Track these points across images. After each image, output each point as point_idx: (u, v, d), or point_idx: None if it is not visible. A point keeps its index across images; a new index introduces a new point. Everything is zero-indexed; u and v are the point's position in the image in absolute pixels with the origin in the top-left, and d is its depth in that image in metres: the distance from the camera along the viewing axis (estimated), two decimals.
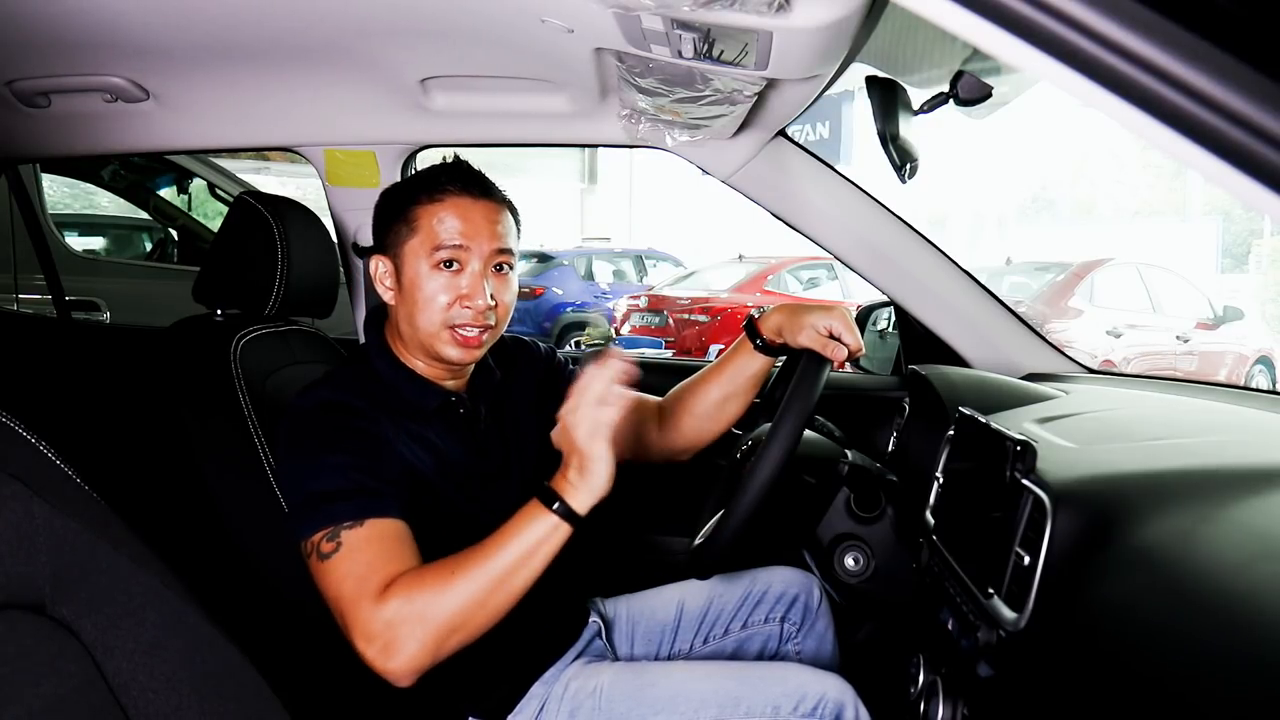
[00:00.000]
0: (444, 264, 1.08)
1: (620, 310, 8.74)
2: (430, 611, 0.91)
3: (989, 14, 0.50)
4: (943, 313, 1.59)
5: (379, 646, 0.91)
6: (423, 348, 1.12)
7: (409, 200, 1.10)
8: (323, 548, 0.95)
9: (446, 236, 1.08)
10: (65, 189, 6.45)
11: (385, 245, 1.12)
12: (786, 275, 8.43)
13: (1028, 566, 0.77)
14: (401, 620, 0.91)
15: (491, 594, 0.94)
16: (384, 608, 0.91)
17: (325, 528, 0.96)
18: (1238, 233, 15.06)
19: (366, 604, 0.92)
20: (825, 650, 1.33)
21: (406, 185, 1.14)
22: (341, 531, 0.96)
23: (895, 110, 1.25)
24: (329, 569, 0.95)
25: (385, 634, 0.91)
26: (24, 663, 0.47)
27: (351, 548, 0.95)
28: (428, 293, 1.09)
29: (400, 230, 1.10)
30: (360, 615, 0.92)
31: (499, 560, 0.94)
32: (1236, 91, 0.44)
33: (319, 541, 0.96)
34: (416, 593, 0.92)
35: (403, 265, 1.10)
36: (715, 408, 1.30)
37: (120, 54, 1.32)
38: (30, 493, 0.50)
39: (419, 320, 1.10)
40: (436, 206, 1.09)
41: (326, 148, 1.67)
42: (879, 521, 1.23)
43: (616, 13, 0.93)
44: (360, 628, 0.92)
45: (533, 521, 0.96)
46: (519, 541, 0.95)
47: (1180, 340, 7.01)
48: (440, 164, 1.15)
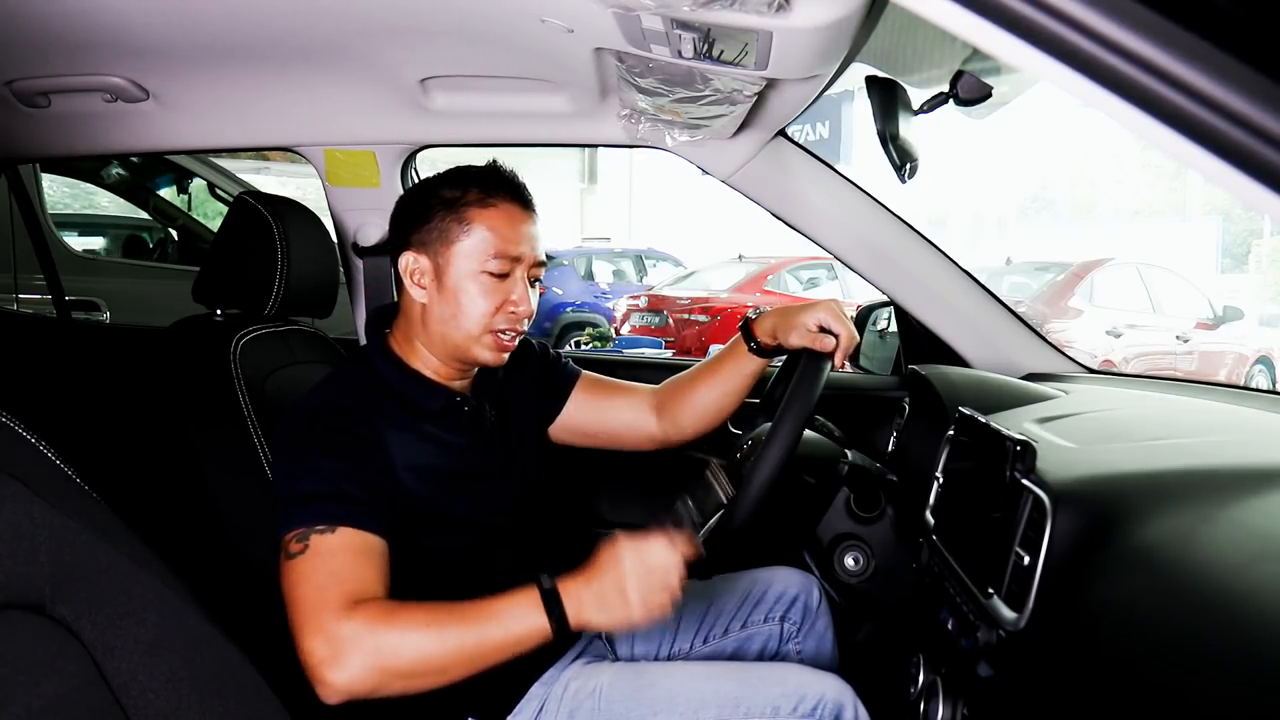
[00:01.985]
0: (497, 272, 1.08)
1: (620, 310, 8.73)
2: (389, 650, 0.89)
3: (989, 14, 0.50)
4: (943, 313, 1.59)
5: (323, 656, 0.88)
6: (451, 349, 1.11)
7: (460, 200, 1.08)
8: (290, 547, 0.94)
9: (504, 244, 1.08)
10: (65, 189, 6.45)
11: (425, 242, 1.09)
12: (786, 275, 8.43)
13: (1028, 566, 0.77)
14: (355, 642, 0.88)
15: (456, 662, 0.91)
16: (344, 623, 0.89)
17: (298, 528, 0.95)
18: (1238, 233, 15.07)
19: (325, 613, 0.89)
20: (825, 650, 1.33)
21: (453, 182, 1.10)
22: (312, 535, 0.95)
23: (895, 110, 1.25)
24: (291, 568, 0.93)
25: (334, 648, 0.88)
26: (24, 663, 0.47)
27: (317, 552, 0.94)
28: (476, 296, 1.08)
29: (450, 229, 1.08)
30: (314, 620, 0.89)
31: (476, 635, 0.91)
32: (1236, 91, 0.44)
33: (289, 541, 0.95)
34: (384, 626, 0.89)
35: (448, 265, 1.08)
36: (713, 404, 1.31)
37: (120, 54, 1.32)
38: (30, 493, 0.50)
39: (461, 321, 1.09)
40: (492, 211, 1.08)
41: (326, 148, 1.67)
42: (879, 521, 1.24)
43: (616, 13, 0.93)
44: (311, 632, 0.89)
45: (525, 615, 0.91)
46: (503, 627, 0.91)
47: (1180, 340, 7.01)
48: (488, 167, 1.13)
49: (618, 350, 7.59)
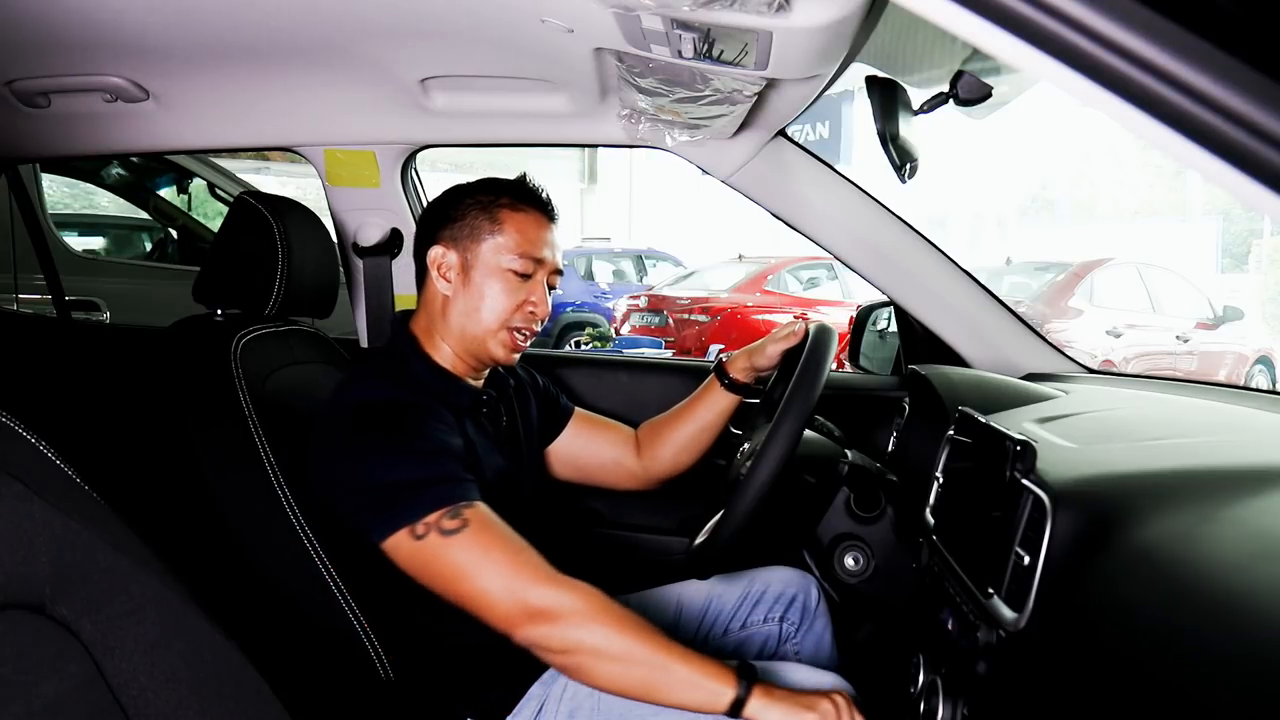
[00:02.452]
0: (521, 271, 1.14)
1: (620, 310, 8.73)
2: (595, 630, 0.93)
3: (989, 14, 0.50)
4: (943, 313, 1.59)
5: (534, 615, 0.93)
6: (469, 343, 1.16)
7: (494, 202, 1.15)
8: (445, 525, 0.96)
9: (531, 246, 1.15)
10: (65, 189, 6.45)
11: (455, 237, 1.15)
12: (786, 275, 8.42)
13: (1028, 566, 0.77)
14: (569, 615, 0.93)
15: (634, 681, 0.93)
16: (561, 592, 0.94)
17: (441, 508, 0.97)
18: (1238, 233, 15.05)
19: (536, 573, 0.95)
20: (824, 650, 1.33)
21: (488, 188, 1.18)
22: (462, 510, 0.97)
23: (895, 110, 1.25)
24: (458, 543, 0.96)
25: (548, 612, 0.93)
26: (24, 663, 0.47)
27: (479, 524, 0.97)
28: (499, 292, 1.14)
29: (481, 226, 1.14)
30: (527, 577, 0.94)
31: (666, 666, 0.92)
32: (1236, 91, 0.44)
33: (437, 520, 0.96)
34: (603, 623, 0.93)
35: (475, 260, 1.14)
36: (690, 440, 1.40)
37: (120, 54, 1.32)
38: (30, 493, 0.50)
39: (482, 315, 1.14)
40: (523, 215, 1.16)
41: (326, 148, 1.67)
42: (879, 521, 1.24)
43: (616, 13, 0.93)
44: (532, 586, 0.94)
45: (715, 680, 0.92)
46: (693, 676, 0.92)
47: (1180, 340, 7.01)
48: (520, 178, 1.20)
49: (618, 350, 7.59)
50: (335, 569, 1.16)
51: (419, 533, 0.97)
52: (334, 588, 1.15)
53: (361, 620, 1.16)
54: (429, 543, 0.96)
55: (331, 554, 1.17)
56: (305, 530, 1.16)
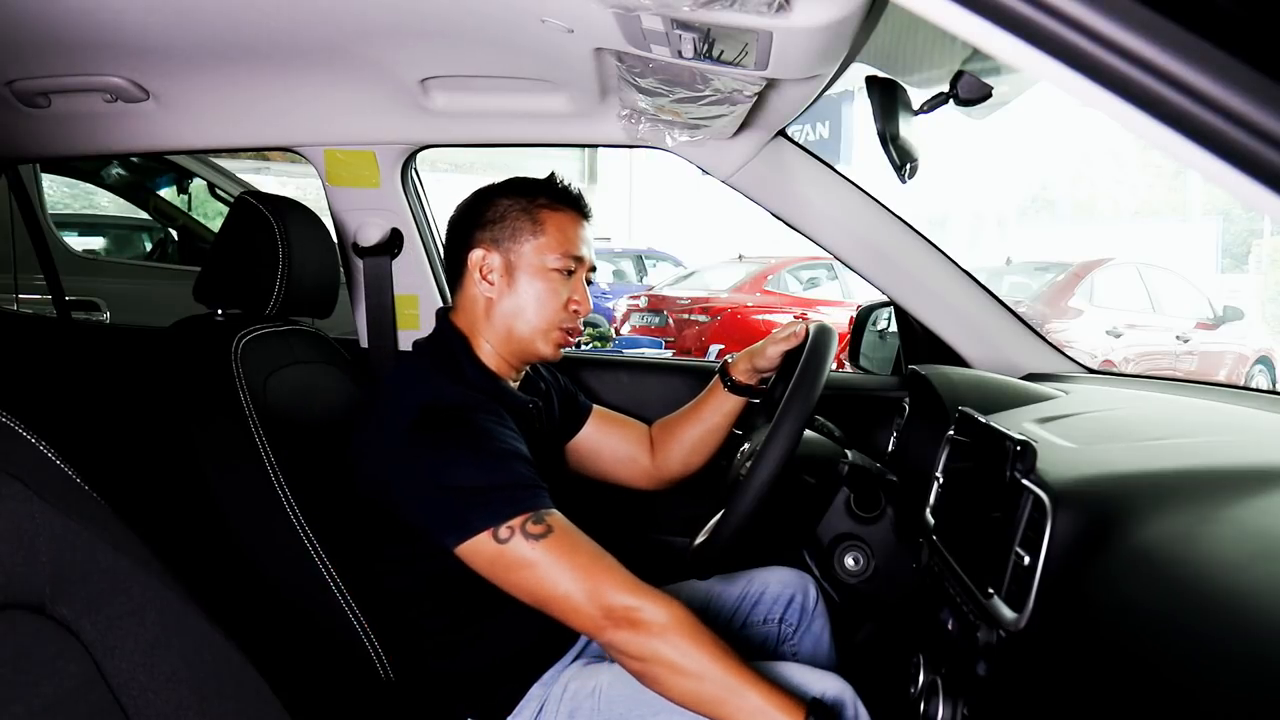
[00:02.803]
0: (564, 269, 1.15)
1: (620, 310, 8.73)
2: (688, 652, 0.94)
3: (989, 14, 0.50)
4: (943, 313, 1.59)
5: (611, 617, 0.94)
6: (515, 343, 1.16)
7: (534, 203, 1.16)
8: (529, 529, 0.97)
9: (572, 245, 1.16)
10: (65, 189, 6.45)
11: (496, 239, 1.16)
12: (786, 275, 8.42)
13: (1028, 566, 0.77)
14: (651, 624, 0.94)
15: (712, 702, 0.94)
16: (645, 601, 0.95)
17: (523, 513, 0.98)
18: (1238, 233, 15.05)
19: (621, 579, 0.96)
20: (822, 650, 1.33)
21: (523, 189, 1.18)
22: (545, 516, 0.98)
23: (895, 110, 1.25)
24: (544, 545, 0.96)
25: (632, 619, 0.94)
26: (24, 663, 0.47)
27: (563, 528, 0.98)
28: (546, 292, 1.15)
29: (523, 227, 1.15)
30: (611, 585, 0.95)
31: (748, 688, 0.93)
32: (1236, 91, 0.44)
33: (520, 524, 0.97)
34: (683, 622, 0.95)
35: (519, 261, 1.15)
36: (698, 440, 1.41)
37: (120, 54, 1.32)
38: (30, 493, 0.50)
39: (530, 315, 1.15)
40: (562, 216, 1.17)
41: (326, 148, 1.67)
42: (879, 521, 1.23)
43: (616, 13, 0.93)
44: (602, 596, 0.94)
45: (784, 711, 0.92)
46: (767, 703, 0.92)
47: (1180, 340, 7.01)
48: (549, 178, 1.21)
49: (618, 350, 7.58)
50: (335, 569, 1.17)
51: (502, 536, 0.97)
52: (334, 588, 1.15)
53: (361, 620, 1.16)
54: (513, 546, 0.96)
55: (331, 554, 1.17)
56: (305, 530, 1.16)
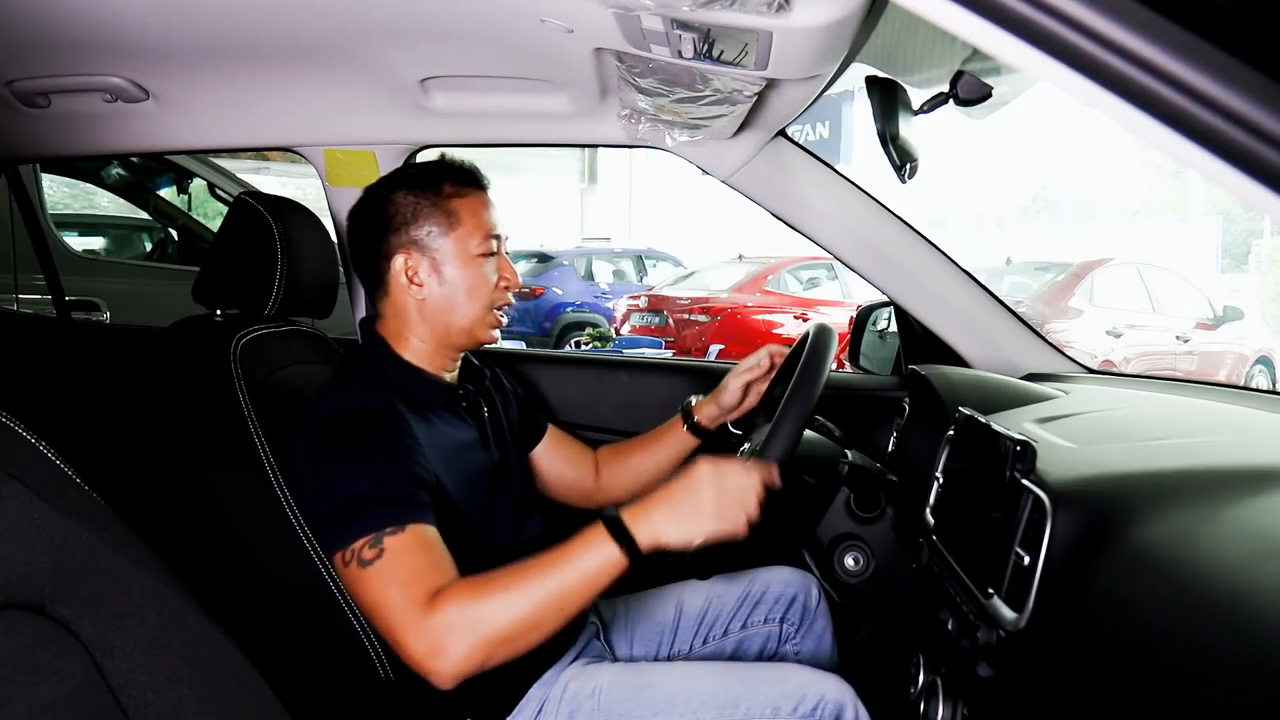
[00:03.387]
0: (487, 252, 1.15)
1: (620, 310, 8.73)
2: (483, 623, 0.91)
3: (989, 14, 0.50)
4: (943, 313, 1.59)
5: (427, 649, 0.90)
6: (455, 334, 1.16)
7: (440, 194, 1.14)
8: (364, 554, 0.94)
9: (490, 225, 1.16)
10: (65, 189, 6.45)
11: (415, 240, 1.13)
12: (786, 275, 8.42)
13: (1028, 566, 0.77)
14: (452, 627, 0.90)
15: (546, 614, 0.93)
16: (437, 614, 0.90)
17: (367, 534, 0.95)
18: (1238, 233, 15.05)
19: (416, 609, 0.91)
20: (824, 650, 1.33)
21: (421, 182, 1.15)
22: (384, 537, 0.95)
23: (895, 110, 1.25)
24: (371, 575, 0.94)
25: (435, 639, 0.90)
26: (24, 663, 0.47)
27: (395, 553, 0.95)
28: (479, 280, 1.14)
29: (439, 223, 1.13)
30: (409, 619, 0.91)
31: (558, 582, 0.93)
32: (1236, 91, 0.44)
33: (360, 549, 0.95)
34: (471, 602, 0.91)
35: (444, 257, 1.14)
36: (647, 473, 1.41)
37: (120, 54, 1.32)
38: (30, 493, 0.50)
39: (468, 307, 1.14)
40: (468, 200, 1.15)
41: (326, 148, 1.67)
42: (879, 521, 1.23)
43: (616, 13, 0.93)
44: (409, 631, 0.91)
45: (595, 549, 0.93)
46: (579, 567, 0.93)
47: (1180, 340, 7.01)
48: (441, 161, 1.18)
49: (618, 350, 7.58)
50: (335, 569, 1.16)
51: (346, 559, 0.96)
52: (334, 588, 1.15)
53: (361, 620, 1.16)
54: (352, 571, 0.95)
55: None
56: (305, 530, 1.16)
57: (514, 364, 1.79)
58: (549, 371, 1.79)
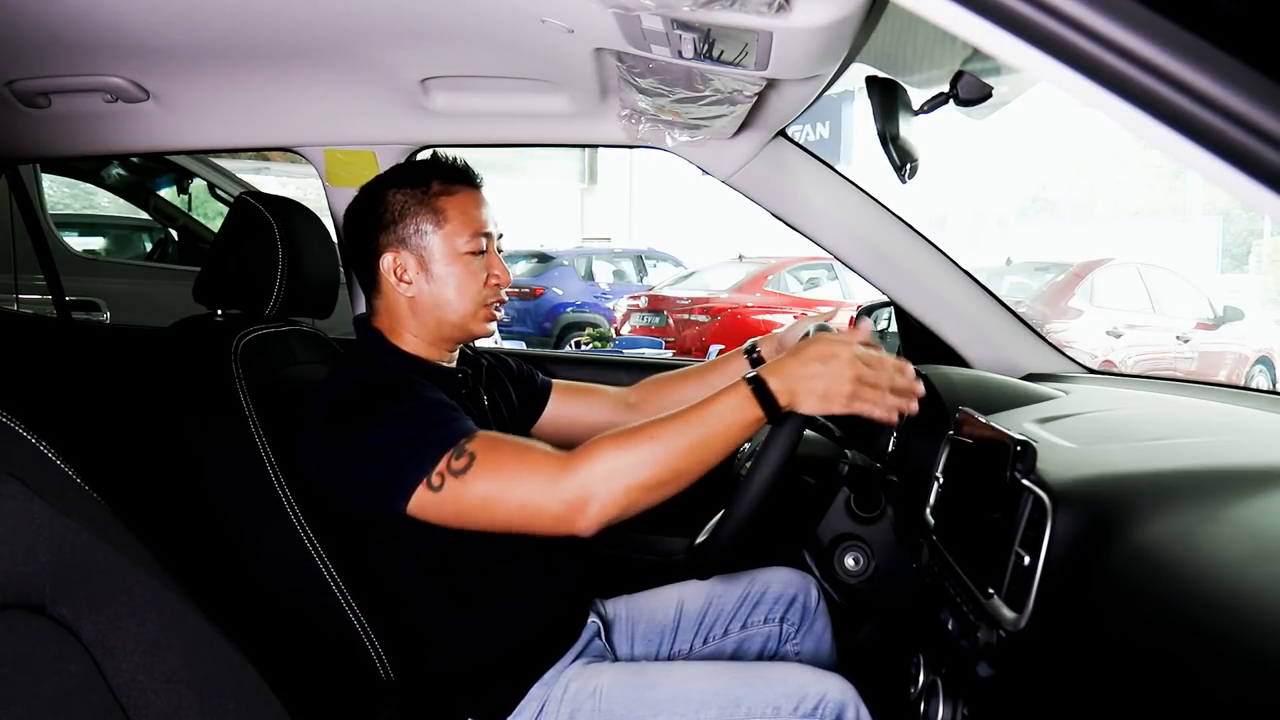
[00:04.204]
0: (476, 250, 1.15)
1: (620, 310, 8.73)
2: (629, 469, 0.94)
3: (989, 14, 0.50)
4: (943, 313, 1.59)
5: (573, 499, 0.94)
6: (448, 330, 1.16)
7: (428, 193, 1.15)
8: (454, 466, 0.97)
9: (480, 223, 1.16)
10: (65, 189, 6.45)
11: (403, 239, 1.14)
12: (786, 275, 8.42)
13: (1028, 566, 0.76)
14: (594, 476, 0.94)
15: (687, 463, 0.96)
16: (574, 469, 0.95)
17: (445, 452, 0.97)
18: (1238, 233, 15.06)
19: (545, 471, 0.95)
20: (824, 650, 1.33)
21: (411, 179, 1.15)
22: (465, 446, 0.98)
23: (895, 110, 1.25)
24: (474, 474, 0.96)
25: (581, 490, 0.94)
26: (24, 663, 0.48)
27: (485, 450, 0.98)
28: (468, 276, 1.15)
29: (426, 222, 1.14)
30: (541, 482, 0.95)
31: (700, 432, 0.96)
32: (1236, 91, 0.44)
33: (445, 466, 0.97)
34: (617, 451, 0.95)
35: (432, 255, 1.14)
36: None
37: (120, 54, 1.32)
38: (30, 493, 0.50)
39: (456, 303, 1.15)
40: (458, 197, 1.15)
41: (326, 148, 1.67)
42: (879, 521, 1.23)
43: (616, 13, 0.93)
44: (551, 490, 0.94)
45: (737, 403, 0.97)
46: (720, 419, 0.97)
47: (1180, 340, 7.01)
48: (433, 160, 1.19)
49: (618, 350, 7.58)
50: (335, 569, 1.17)
51: (435, 484, 0.97)
52: (334, 588, 1.15)
53: (362, 620, 1.16)
54: (449, 489, 0.97)
55: (331, 554, 1.17)
56: (305, 530, 1.16)
57: None
58: (549, 372, 1.79)
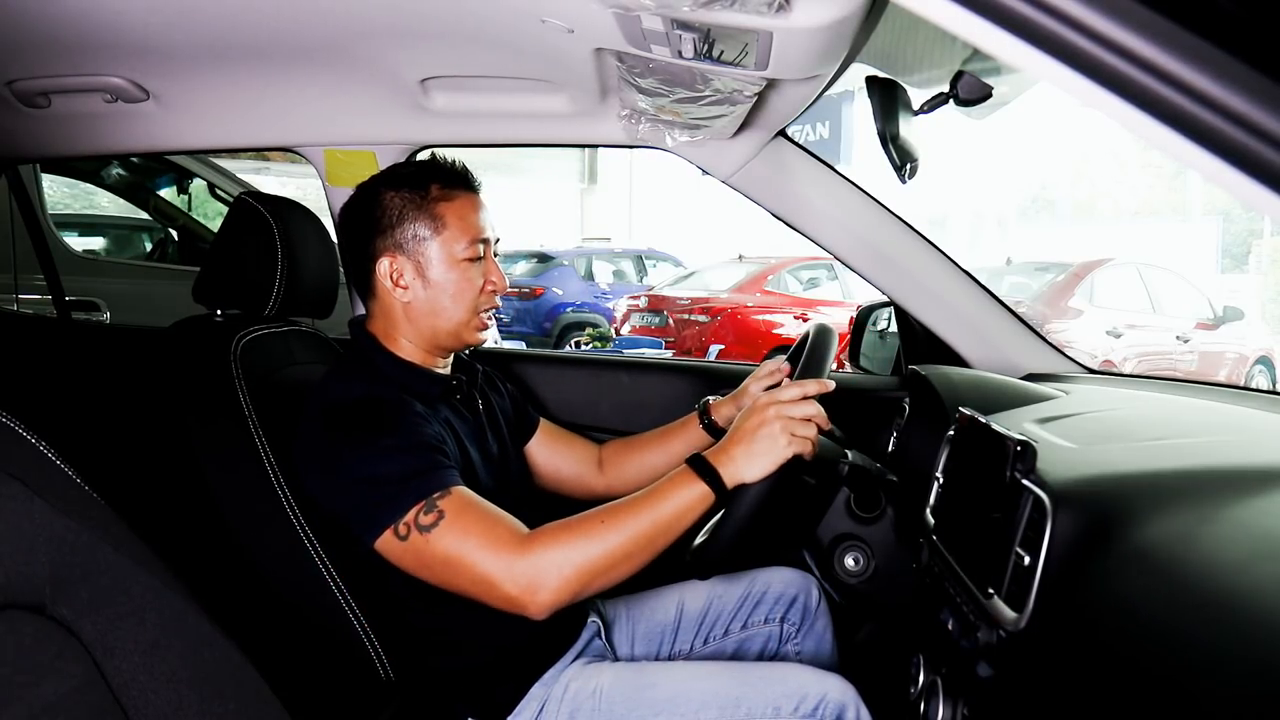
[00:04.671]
0: (473, 256, 1.14)
1: (620, 310, 8.73)
2: (579, 556, 0.96)
3: (989, 14, 0.50)
4: (943, 313, 1.59)
5: (525, 585, 0.95)
6: (442, 337, 1.16)
7: (426, 198, 1.13)
8: (421, 520, 0.97)
9: (477, 229, 1.15)
10: (65, 189, 6.45)
11: (399, 244, 1.13)
12: (786, 275, 8.42)
13: (1028, 566, 0.77)
14: (549, 563, 0.95)
15: (637, 547, 0.97)
16: (533, 552, 0.95)
17: (417, 503, 0.98)
18: (1238, 233, 15.05)
19: (507, 549, 0.96)
20: (824, 651, 1.33)
21: (409, 183, 1.14)
22: (436, 502, 0.98)
23: (895, 110, 1.25)
24: (439, 536, 0.96)
25: (531, 575, 0.94)
26: (24, 663, 0.47)
27: (456, 511, 0.98)
28: (464, 284, 1.14)
29: (423, 227, 1.13)
30: (501, 561, 0.95)
31: (650, 518, 0.98)
32: (1236, 91, 0.44)
33: (414, 518, 0.97)
34: (567, 540, 0.96)
35: (429, 260, 1.13)
36: (658, 469, 1.36)
37: (120, 54, 1.32)
38: (30, 493, 0.50)
39: (451, 310, 1.14)
40: (456, 203, 1.14)
41: (326, 148, 1.67)
42: (879, 521, 1.23)
43: (616, 13, 0.93)
44: (504, 571, 0.95)
45: (684, 487, 0.99)
46: (670, 503, 0.99)
47: (1180, 340, 7.00)
48: (432, 162, 1.18)
49: (618, 350, 7.58)
50: (335, 569, 1.16)
51: (401, 533, 0.97)
52: (334, 588, 1.15)
53: (362, 620, 1.16)
54: (413, 541, 0.97)
55: (331, 554, 1.17)
56: (305, 530, 1.16)
57: (513, 364, 1.79)
58: (549, 371, 1.79)
